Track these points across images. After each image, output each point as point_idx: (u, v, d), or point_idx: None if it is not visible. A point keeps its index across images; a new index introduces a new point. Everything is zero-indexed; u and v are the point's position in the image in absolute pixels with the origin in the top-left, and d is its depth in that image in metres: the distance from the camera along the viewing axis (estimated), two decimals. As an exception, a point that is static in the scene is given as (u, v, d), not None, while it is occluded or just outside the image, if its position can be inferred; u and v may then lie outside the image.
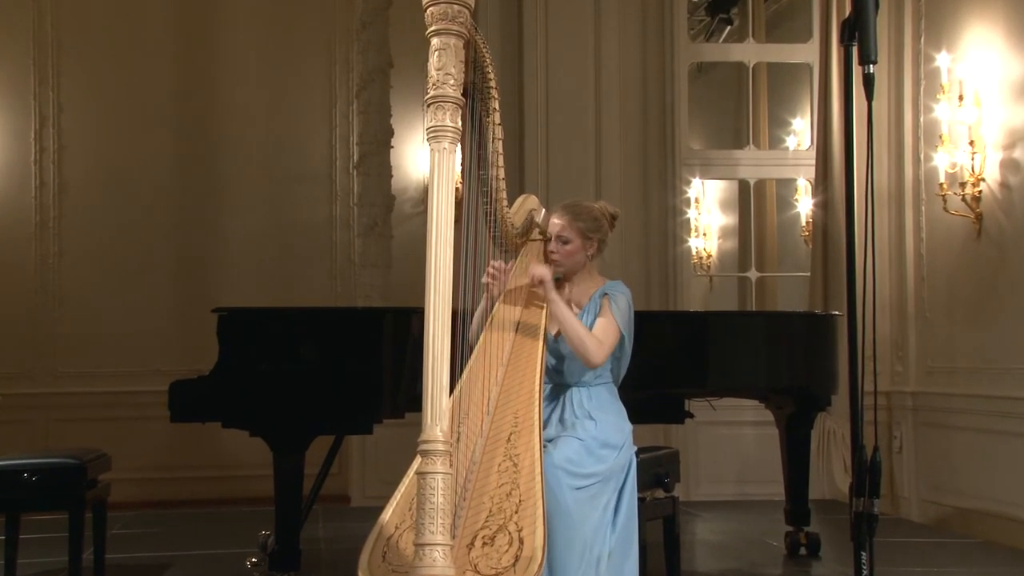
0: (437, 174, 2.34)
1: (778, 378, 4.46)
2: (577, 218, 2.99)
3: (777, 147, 7.31)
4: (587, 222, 2.99)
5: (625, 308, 2.95)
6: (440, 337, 2.30)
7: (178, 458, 6.31)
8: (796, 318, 4.80)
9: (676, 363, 4.22)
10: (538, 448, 2.57)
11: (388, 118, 6.28)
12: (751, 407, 5.49)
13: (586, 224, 2.99)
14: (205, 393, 3.58)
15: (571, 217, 2.99)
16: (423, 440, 2.30)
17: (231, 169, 6.59)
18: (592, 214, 3.02)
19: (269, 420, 3.59)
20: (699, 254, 7.79)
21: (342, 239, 6.67)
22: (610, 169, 6.14)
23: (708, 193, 7.90)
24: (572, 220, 2.99)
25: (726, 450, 6.25)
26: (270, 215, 6.60)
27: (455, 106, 2.34)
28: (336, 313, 4.24)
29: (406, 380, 3.70)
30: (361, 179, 6.28)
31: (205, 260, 6.55)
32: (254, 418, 3.60)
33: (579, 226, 2.98)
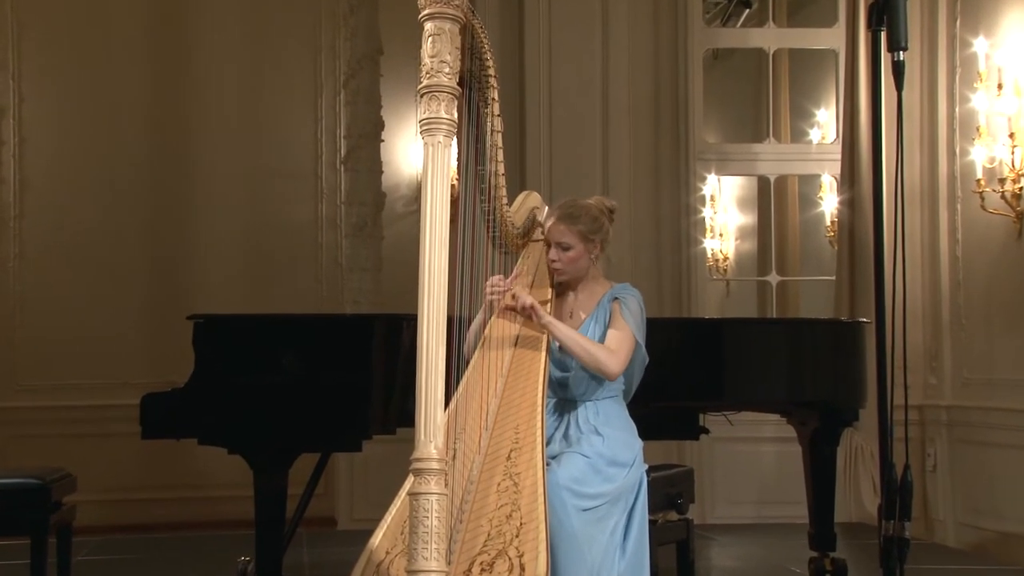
0: (431, 170, 2.34)
1: (801, 391, 4.46)
2: (576, 221, 2.99)
3: (800, 140, 7.32)
4: (587, 223, 3.00)
5: (637, 312, 2.96)
6: (434, 346, 2.30)
7: (150, 478, 6.30)
8: (820, 326, 4.79)
9: (690, 374, 4.22)
10: (541, 466, 2.58)
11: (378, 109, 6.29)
12: (772, 422, 5.48)
13: (586, 226, 3.00)
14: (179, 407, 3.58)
15: (569, 221, 2.99)
16: (416, 458, 2.30)
17: (208, 165, 6.59)
18: (590, 213, 3.02)
19: (249, 436, 3.59)
20: (715, 256, 7.79)
21: (328, 240, 6.68)
22: (618, 164, 6.15)
23: (725, 190, 7.91)
24: (571, 224, 2.99)
25: (745, 469, 6.24)
26: (250, 214, 6.61)
27: (450, 96, 2.35)
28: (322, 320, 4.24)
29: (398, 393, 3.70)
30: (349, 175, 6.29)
31: (179, 263, 6.55)
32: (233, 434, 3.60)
33: (579, 229, 2.99)
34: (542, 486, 2.53)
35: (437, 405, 2.30)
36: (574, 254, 3.01)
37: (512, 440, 2.65)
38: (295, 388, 3.59)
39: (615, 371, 2.88)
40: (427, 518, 2.26)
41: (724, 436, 5.60)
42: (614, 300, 2.99)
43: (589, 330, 2.99)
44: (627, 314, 2.94)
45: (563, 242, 3.00)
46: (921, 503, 5.85)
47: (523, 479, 2.55)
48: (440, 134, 2.34)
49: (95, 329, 6.41)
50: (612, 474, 2.83)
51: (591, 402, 2.97)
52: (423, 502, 2.27)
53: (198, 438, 3.64)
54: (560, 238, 3.00)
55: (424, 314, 2.31)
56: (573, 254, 3.01)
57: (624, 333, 2.92)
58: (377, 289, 6.18)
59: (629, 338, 2.92)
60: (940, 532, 5.85)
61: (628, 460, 2.88)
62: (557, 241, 3.01)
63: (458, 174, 2.80)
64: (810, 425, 4.65)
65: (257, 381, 3.58)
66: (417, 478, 2.29)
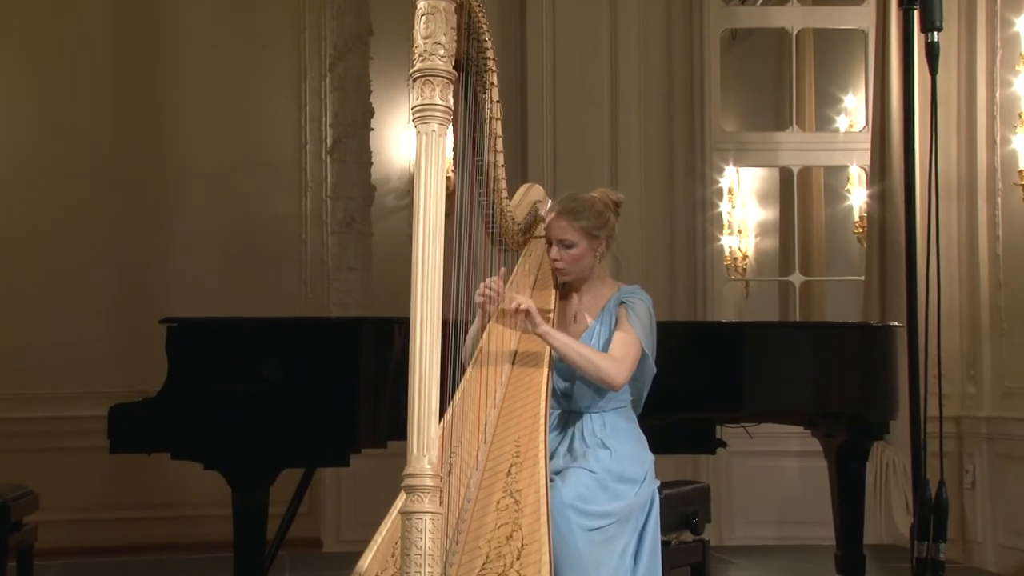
0: (425, 161, 2.35)
1: (827, 401, 4.46)
2: (578, 216, 2.99)
3: (826, 129, 7.31)
4: (591, 219, 3.00)
5: (645, 316, 2.96)
6: (428, 352, 2.30)
7: (119, 496, 6.30)
8: (848, 330, 4.80)
9: (706, 383, 4.22)
10: (544, 483, 2.58)
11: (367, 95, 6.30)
12: (795, 435, 5.48)
13: (590, 221, 3.00)
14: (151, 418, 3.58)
15: (571, 217, 2.99)
16: (408, 473, 2.31)
17: (181, 156, 6.59)
18: (594, 207, 3.02)
19: (227, 450, 3.59)
20: (733, 254, 7.79)
21: (313, 237, 6.68)
22: (628, 155, 6.15)
23: (744, 183, 7.91)
24: (573, 220, 2.99)
25: (766, 485, 6.24)
26: (228, 210, 6.61)
27: (445, 81, 2.35)
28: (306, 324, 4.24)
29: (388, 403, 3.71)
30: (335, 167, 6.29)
31: (151, 262, 6.55)
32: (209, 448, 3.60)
33: (582, 225, 2.99)
34: (545, 504, 2.53)
35: (431, 416, 2.30)
36: (577, 252, 3.01)
37: (512, 454, 2.66)
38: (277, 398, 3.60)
39: (618, 381, 2.88)
40: (420, 539, 2.26)
41: (743, 450, 5.60)
42: (621, 304, 2.99)
43: (594, 335, 2.99)
44: (634, 319, 2.94)
45: (565, 239, 3.00)
46: (958, 523, 5.84)
47: (524, 496, 2.56)
48: (434, 122, 2.35)
49: (59, 335, 6.41)
50: (621, 491, 2.83)
51: (598, 414, 2.97)
52: (416, 522, 2.27)
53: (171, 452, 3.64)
54: (562, 235, 3.00)
55: (417, 317, 2.32)
56: (576, 252, 3.01)
57: (630, 339, 2.92)
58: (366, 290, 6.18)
59: (635, 344, 2.92)
60: (979, 555, 5.84)
61: (638, 476, 2.89)
62: (559, 238, 3.01)
63: (454, 165, 2.81)
64: (837, 438, 4.65)
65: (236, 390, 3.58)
66: (409, 495, 2.30)
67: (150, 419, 3.58)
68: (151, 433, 3.60)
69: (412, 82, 2.37)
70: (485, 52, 2.71)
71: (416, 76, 2.36)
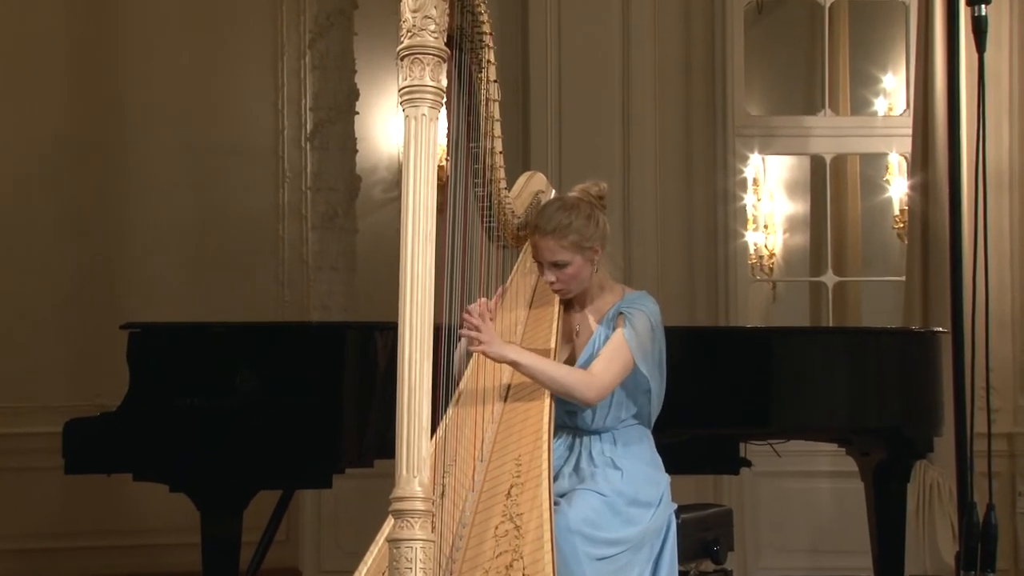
0: (414, 148, 2.35)
1: (863, 415, 4.47)
2: (564, 232, 2.96)
3: (862, 112, 7.31)
4: (579, 230, 2.97)
5: (644, 329, 2.94)
6: (419, 361, 2.30)
7: (75, 522, 6.30)
8: (887, 337, 4.80)
9: (728, 395, 4.22)
10: (547, 506, 2.58)
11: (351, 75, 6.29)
12: (828, 453, 5.48)
13: (579, 233, 2.97)
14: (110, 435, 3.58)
15: (557, 235, 2.96)
16: (396, 497, 2.31)
17: (144, 143, 6.58)
18: (579, 214, 2.99)
19: (195, 471, 3.60)
20: (758, 252, 7.79)
21: (291, 233, 6.68)
22: (641, 141, 6.15)
23: (771, 173, 7.90)
24: (560, 238, 2.96)
25: (795, 509, 6.24)
26: (196, 202, 6.60)
27: (437, 59, 2.36)
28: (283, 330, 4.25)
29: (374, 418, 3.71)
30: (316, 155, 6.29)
31: (110, 261, 6.54)
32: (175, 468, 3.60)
33: (572, 240, 2.97)
34: (549, 530, 2.54)
35: (422, 433, 2.30)
36: (573, 270, 3.00)
37: (513, 474, 2.66)
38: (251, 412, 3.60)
39: (591, 397, 2.88)
40: (410, 570, 2.26)
41: (770, 470, 5.60)
42: (619, 315, 2.99)
43: (597, 344, 3.00)
44: (628, 331, 2.92)
45: (557, 260, 2.98)
46: (1010, 551, 5.84)
47: (526, 521, 2.56)
48: (425, 105, 2.35)
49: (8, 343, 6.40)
50: (633, 516, 2.83)
51: (607, 431, 2.97)
52: (405, 550, 2.27)
53: (133, 473, 3.64)
54: (552, 257, 2.98)
55: (406, 323, 2.32)
56: (572, 270, 3.00)
57: (615, 353, 2.90)
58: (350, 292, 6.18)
59: (622, 357, 2.90)
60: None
61: (653, 499, 2.89)
62: (550, 261, 2.99)
63: (447, 153, 2.81)
64: (875, 457, 4.66)
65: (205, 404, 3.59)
66: (398, 521, 2.30)
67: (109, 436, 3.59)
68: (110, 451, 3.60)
69: (400, 61, 2.38)
70: (481, 27, 2.71)
71: (404, 54, 2.36)
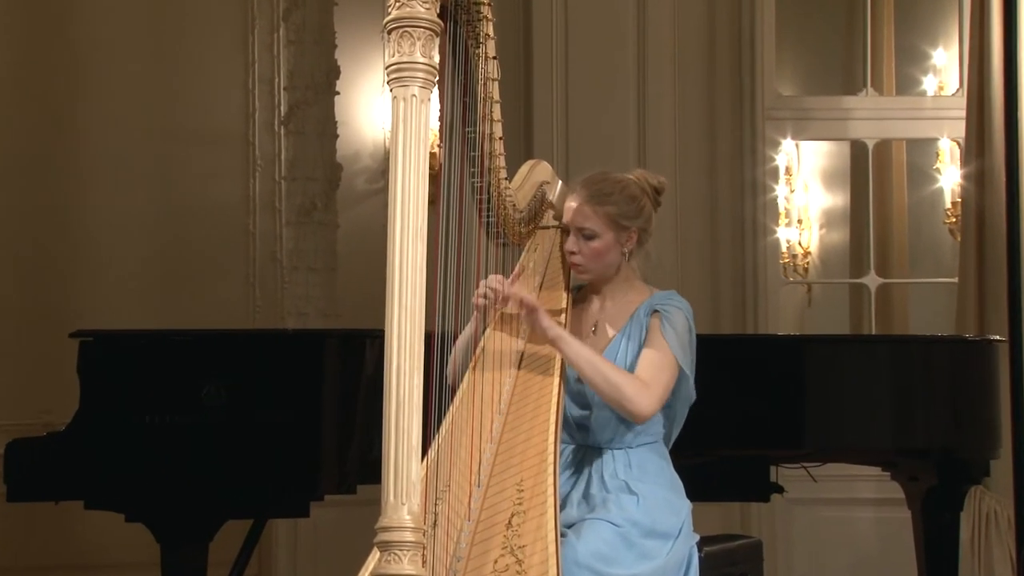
0: (403, 133, 2.35)
1: (910, 435, 4.47)
2: (605, 199, 3.00)
3: (909, 92, 7.32)
4: (620, 203, 3.00)
5: (684, 330, 2.97)
6: (407, 373, 2.31)
7: (18, 555, 6.30)
8: (936, 346, 4.80)
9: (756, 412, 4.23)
10: (553, 537, 2.58)
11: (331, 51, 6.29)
12: (871, 478, 5.49)
13: (619, 207, 3.00)
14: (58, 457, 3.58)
15: (596, 199, 3.00)
16: (383, 526, 2.31)
17: (98, 128, 6.59)
18: (627, 190, 3.03)
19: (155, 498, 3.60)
20: (792, 251, 7.79)
21: (264, 229, 6.68)
22: (659, 125, 6.15)
23: (805, 161, 7.91)
24: (598, 203, 2.99)
25: (834, 541, 6.24)
26: (157, 195, 6.61)
27: (429, 33, 2.36)
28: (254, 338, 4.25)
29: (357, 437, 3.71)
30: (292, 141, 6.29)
31: (60, 262, 6.55)
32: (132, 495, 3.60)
33: (608, 211, 2.99)
34: (555, 565, 2.54)
35: (411, 454, 2.30)
36: (600, 245, 3.01)
37: (514, 501, 2.66)
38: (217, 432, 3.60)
39: (646, 410, 2.88)
40: (398, 608, 2.26)
41: (805, 497, 5.59)
42: (653, 313, 2.99)
43: (618, 352, 3.00)
44: (669, 332, 2.93)
45: (586, 227, 3.00)
46: (1075, 589, 5.84)
47: (529, 555, 2.56)
48: (415, 84, 2.35)
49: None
50: (650, 548, 2.83)
51: (621, 450, 2.97)
52: (392, 587, 2.27)
53: (85, 501, 3.64)
54: (583, 222, 3.00)
55: (394, 330, 2.32)
56: (599, 245, 3.01)
57: (662, 357, 2.92)
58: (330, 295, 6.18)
59: (669, 365, 2.92)
60: (1102, 628, 5.84)
61: (672, 529, 2.89)
62: (578, 226, 3.01)
63: (440, 139, 2.82)
64: (924, 482, 4.65)
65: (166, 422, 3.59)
66: (384, 554, 2.30)
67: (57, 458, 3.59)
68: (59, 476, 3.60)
69: (387, 34, 2.38)
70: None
71: (392, 27, 2.36)
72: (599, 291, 3.10)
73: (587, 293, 3.13)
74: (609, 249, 3.02)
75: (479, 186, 2.89)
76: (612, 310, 3.07)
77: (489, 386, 2.92)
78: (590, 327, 3.08)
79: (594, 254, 3.02)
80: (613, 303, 3.08)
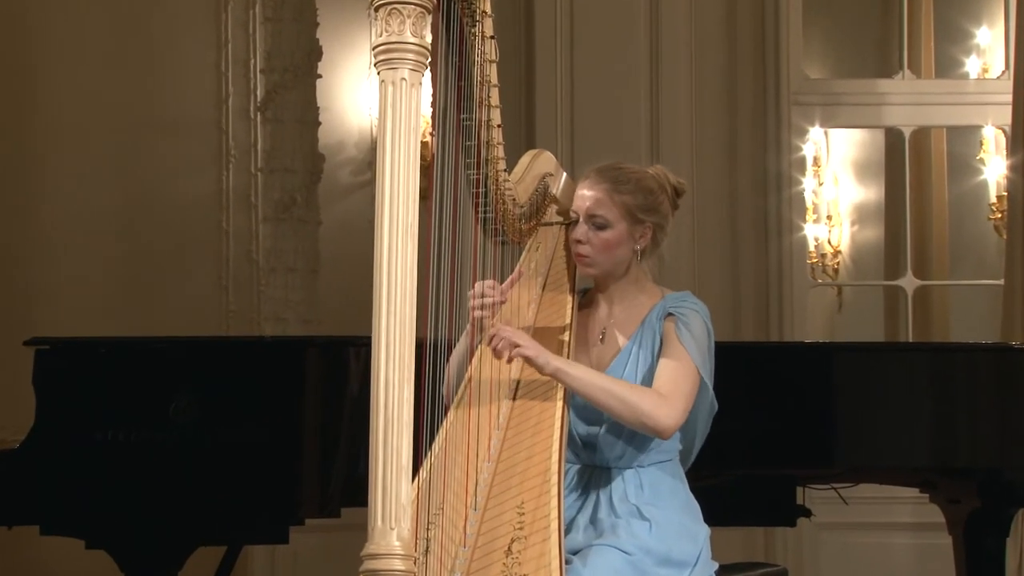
0: (392, 120, 2.35)
1: (951, 452, 4.47)
2: (620, 188, 3.00)
3: (950, 74, 7.31)
4: (637, 195, 3.01)
5: (702, 335, 2.96)
6: (397, 386, 2.31)
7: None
8: (980, 354, 4.80)
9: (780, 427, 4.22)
10: (557, 565, 2.58)
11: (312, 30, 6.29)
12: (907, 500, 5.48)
13: (636, 198, 3.00)
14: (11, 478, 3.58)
15: (611, 186, 3.00)
16: (370, 554, 2.31)
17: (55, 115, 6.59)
18: (644, 183, 3.03)
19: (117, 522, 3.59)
20: (820, 249, 7.80)
21: (238, 226, 6.68)
22: (673, 112, 6.15)
23: (835, 150, 7.91)
24: (612, 191, 2.99)
25: (866, 569, 6.24)
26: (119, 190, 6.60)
27: (419, 10, 2.36)
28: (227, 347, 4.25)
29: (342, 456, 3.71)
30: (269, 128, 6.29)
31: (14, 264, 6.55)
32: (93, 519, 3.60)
33: (624, 201, 2.99)
34: (559, 596, 2.54)
35: (401, 474, 2.30)
36: (611, 236, 3.00)
37: (514, 525, 2.66)
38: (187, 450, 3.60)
39: (669, 425, 2.88)
40: (386, 644, 2.27)
41: (835, 521, 5.60)
42: (667, 317, 2.99)
43: (629, 361, 2.99)
44: (687, 338, 2.93)
45: (598, 215, 2.99)
46: None
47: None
48: (405, 67, 2.35)
49: None
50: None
51: (632, 470, 2.97)
52: (380, 620, 2.28)
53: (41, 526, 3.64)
54: (595, 209, 3.00)
55: (381, 338, 2.32)
56: (610, 236, 3.00)
57: (682, 365, 2.91)
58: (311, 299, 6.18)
59: (690, 374, 2.91)
60: None
61: (689, 557, 2.89)
62: (591, 213, 3.00)
63: (432, 126, 2.82)
64: (966, 504, 4.65)
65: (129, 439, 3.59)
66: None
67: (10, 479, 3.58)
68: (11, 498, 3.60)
69: (374, 12, 2.38)
70: (475, -30, 2.72)
71: (379, 3, 2.36)
72: (607, 293, 3.09)
73: (593, 297, 3.13)
74: (621, 242, 3.01)
75: (475, 179, 2.88)
76: (621, 315, 3.06)
77: (486, 400, 2.92)
78: (597, 334, 3.08)
79: (604, 246, 3.01)
80: (622, 307, 3.07)
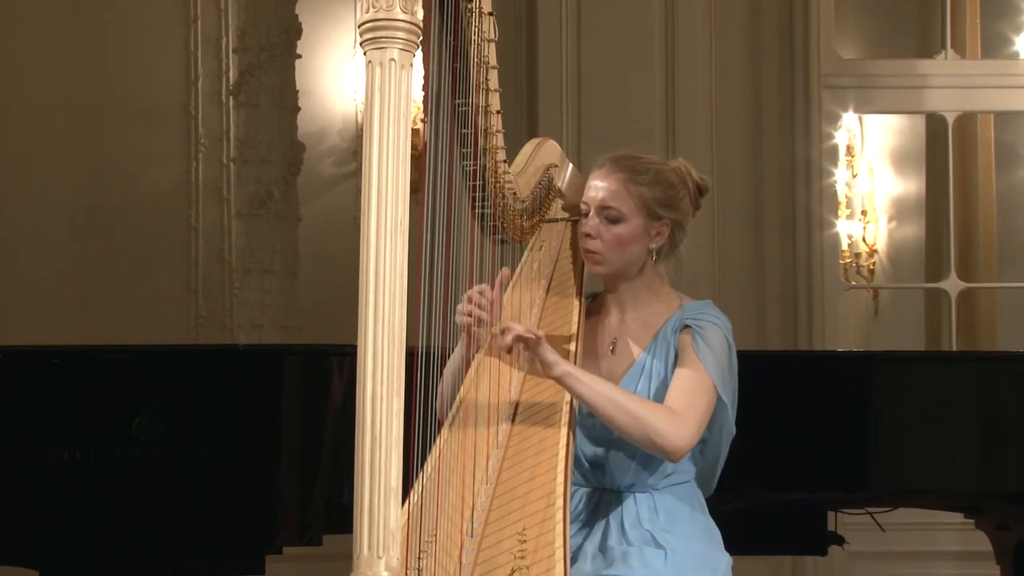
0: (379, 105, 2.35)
1: (1000, 474, 4.47)
2: (638, 179, 2.99)
3: (996, 55, 7.33)
4: (656, 188, 3.00)
5: (720, 347, 2.96)
6: (385, 400, 2.31)
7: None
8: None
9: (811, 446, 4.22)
10: (562, 598, 2.59)
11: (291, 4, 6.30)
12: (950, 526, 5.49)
13: (654, 191, 3.00)
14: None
15: (627, 176, 2.99)
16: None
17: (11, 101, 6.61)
18: (664, 176, 3.03)
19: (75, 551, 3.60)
20: (854, 248, 7.81)
21: (209, 222, 6.69)
22: (691, 96, 6.16)
23: (871, 138, 7.92)
24: (629, 181, 2.99)
25: (906, 603, 6.26)
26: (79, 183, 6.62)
27: (411, -17, 2.36)
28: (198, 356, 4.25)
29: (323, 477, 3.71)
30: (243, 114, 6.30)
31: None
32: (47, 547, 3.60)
33: (642, 193, 2.99)
34: (565, 632, 2.54)
35: (389, 497, 2.30)
36: (625, 231, 3.00)
37: (515, 554, 2.66)
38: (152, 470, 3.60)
39: (681, 445, 2.87)
40: None
41: (870, 549, 5.61)
42: (683, 329, 2.99)
43: (642, 374, 3.00)
44: (704, 351, 2.92)
45: (612, 207, 2.99)
46: None
47: (533, 620, 2.57)
48: (394, 47, 2.35)
49: None
50: (682, 612, 2.84)
51: (645, 493, 2.98)
52: (366, 659, 2.28)
53: (-10, 554, 3.65)
54: (609, 200, 2.99)
55: (368, 346, 2.32)
56: (624, 231, 3.00)
57: (697, 380, 2.91)
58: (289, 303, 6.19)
59: (706, 389, 2.91)
60: None
61: (708, 588, 2.90)
62: (604, 205, 3.00)
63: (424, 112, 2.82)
64: (1016, 531, 4.66)
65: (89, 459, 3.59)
66: (356, 619, 2.30)
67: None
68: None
69: (359, -15, 2.38)
70: (471, -61, 2.72)
71: (365, -24, 2.37)
72: (618, 298, 3.08)
73: (603, 302, 3.12)
74: (635, 239, 3.00)
75: (472, 170, 2.89)
76: (634, 324, 3.06)
77: (484, 416, 2.92)
78: (608, 345, 3.07)
79: (616, 241, 3.00)
80: (635, 315, 3.06)
